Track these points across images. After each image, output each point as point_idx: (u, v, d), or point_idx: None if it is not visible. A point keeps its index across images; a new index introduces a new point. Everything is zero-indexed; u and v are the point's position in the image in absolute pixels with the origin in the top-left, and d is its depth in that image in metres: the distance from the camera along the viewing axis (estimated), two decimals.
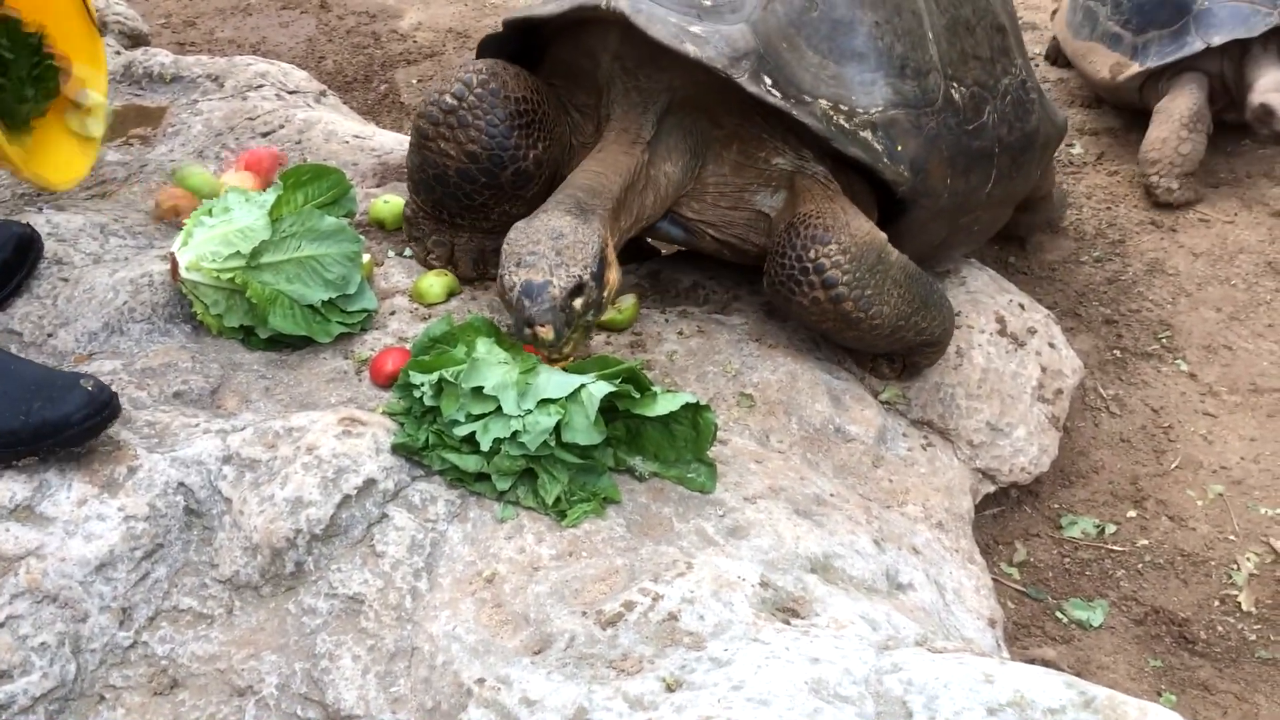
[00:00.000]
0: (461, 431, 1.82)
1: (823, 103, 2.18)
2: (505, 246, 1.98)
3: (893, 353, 2.39)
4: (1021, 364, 2.58)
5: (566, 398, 1.81)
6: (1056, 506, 2.56)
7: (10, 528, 1.69)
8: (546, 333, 1.88)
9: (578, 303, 1.93)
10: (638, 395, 1.88)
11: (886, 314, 2.16)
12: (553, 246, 1.94)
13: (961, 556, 2.13)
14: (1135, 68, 3.76)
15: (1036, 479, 2.50)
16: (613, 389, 1.82)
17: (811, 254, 2.11)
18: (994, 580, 2.31)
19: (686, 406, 1.85)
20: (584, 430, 1.80)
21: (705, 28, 2.14)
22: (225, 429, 1.91)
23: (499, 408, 1.82)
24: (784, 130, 2.28)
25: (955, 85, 2.39)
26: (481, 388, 1.84)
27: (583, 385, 1.82)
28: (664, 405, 1.84)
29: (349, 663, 1.64)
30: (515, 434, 1.80)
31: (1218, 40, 3.57)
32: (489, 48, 2.42)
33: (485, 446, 1.80)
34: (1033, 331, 2.66)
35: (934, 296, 2.30)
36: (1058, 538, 2.48)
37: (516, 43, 2.41)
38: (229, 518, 1.78)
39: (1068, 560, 2.43)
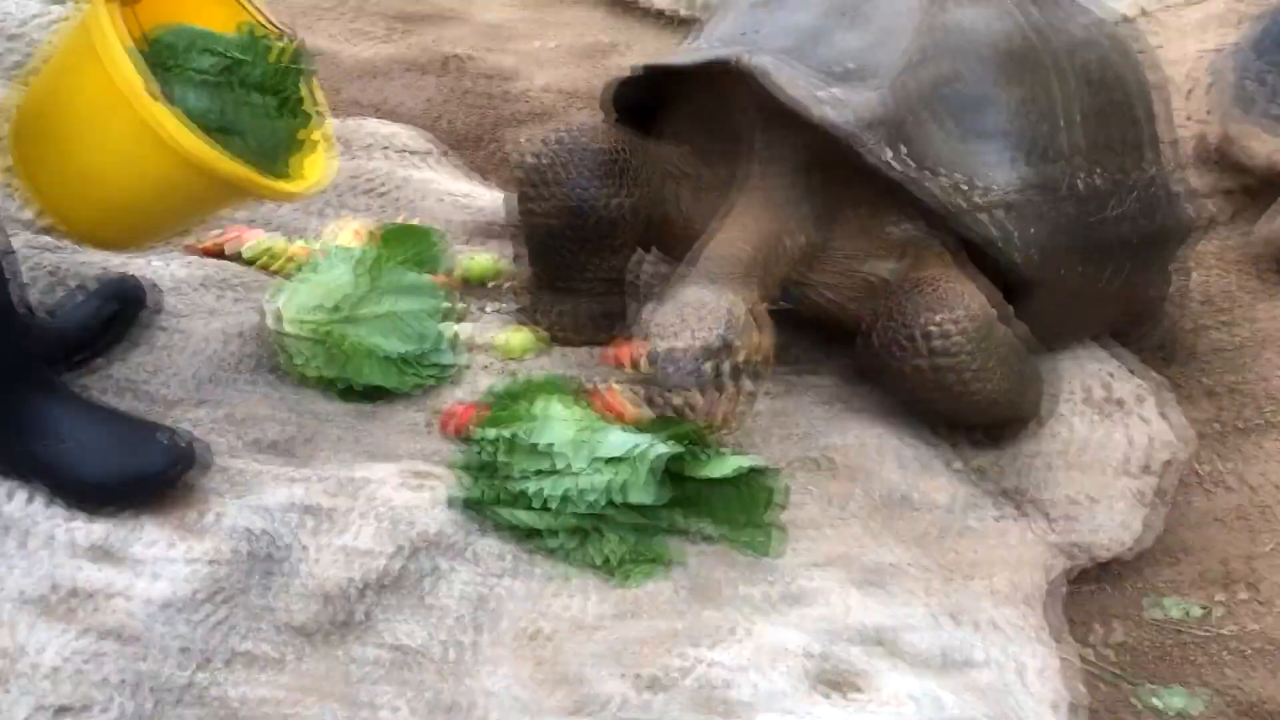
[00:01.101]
0: (521, 488, 1.84)
1: (951, 178, 2.16)
2: (640, 326, 2.03)
3: (976, 425, 2.33)
4: (1111, 435, 2.48)
5: (627, 457, 1.82)
6: (1143, 586, 2.43)
7: (83, 566, 1.78)
8: (692, 398, 1.89)
9: (709, 366, 1.93)
10: (702, 457, 1.87)
11: (989, 391, 2.11)
12: (681, 315, 1.97)
13: (1034, 635, 2.05)
14: None
15: (1122, 557, 2.39)
16: (673, 451, 1.81)
17: (923, 320, 2.07)
18: (1071, 661, 2.20)
19: (749, 470, 1.84)
20: (643, 490, 1.81)
21: (841, 91, 2.16)
22: (298, 478, 1.97)
23: (560, 465, 1.83)
24: (908, 201, 2.27)
25: (1084, 175, 2.35)
26: (542, 444, 1.86)
27: (644, 445, 1.82)
28: (724, 468, 1.83)
29: (404, 713, 1.66)
30: (575, 492, 1.81)
31: None
32: (620, 89, 2.49)
33: (544, 504, 1.82)
34: (1125, 402, 2.56)
35: (1030, 373, 2.26)
36: (1143, 619, 2.36)
37: (647, 88, 2.47)
38: (294, 564, 1.83)
39: (1152, 643, 2.30)
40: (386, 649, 1.74)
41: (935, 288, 2.10)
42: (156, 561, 1.80)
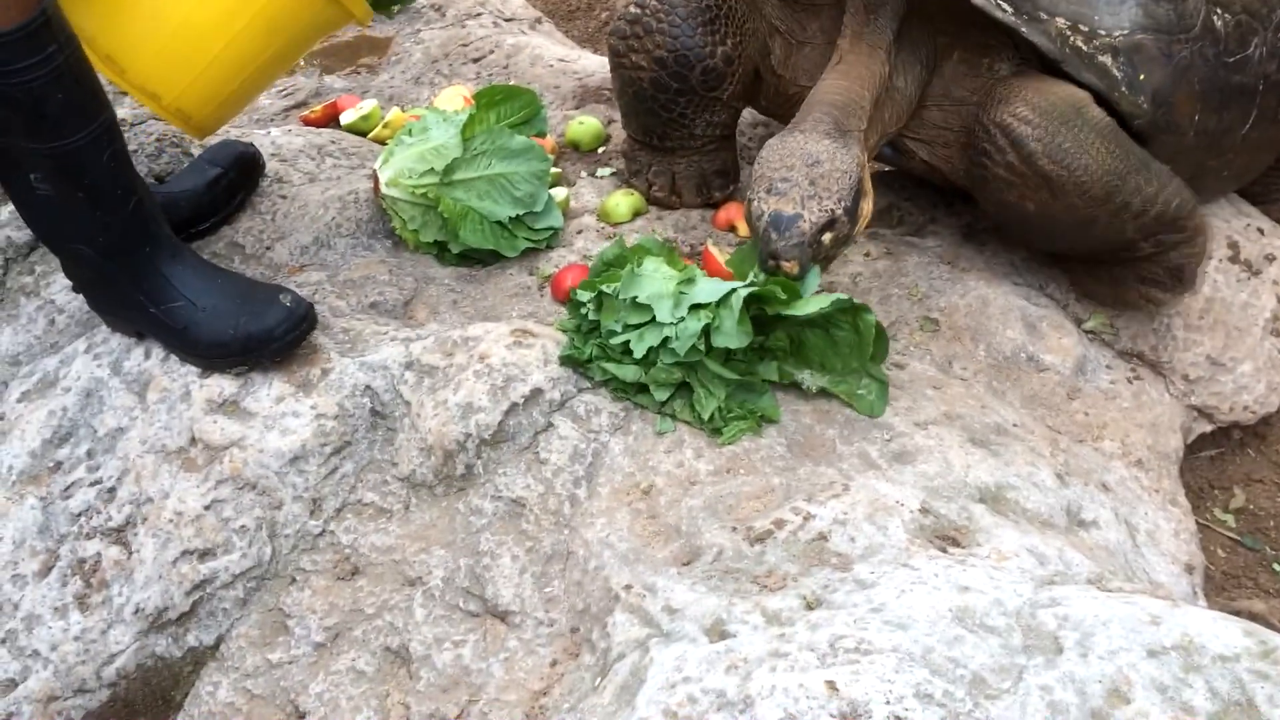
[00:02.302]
0: (618, 341, 1.84)
1: (1060, 21, 2.01)
2: (756, 167, 1.92)
3: (1136, 246, 2.09)
4: (1255, 294, 2.33)
5: (716, 303, 1.79)
6: (1266, 450, 2.32)
7: (218, 420, 1.86)
8: (791, 268, 1.80)
9: (827, 237, 1.85)
10: (792, 297, 1.82)
11: (1092, 167, 1.94)
12: (807, 175, 1.85)
13: (1162, 497, 1.98)
14: None
15: (1263, 419, 2.27)
16: (757, 289, 1.77)
17: (995, 116, 1.98)
18: (1203, 526, 2.13)
19: (844, 310, 1.78)
20: (732, 333, 1.77)
21: None
22: (410, 337, 2.01)
23: (654, 318, 1.82)
24: (1018, 42, 2.13)
25: (1219, 11, 2.14)
26: (633, 298, 1.84)
27: (733, 290, 1.79)
28: (813, 304, 1.77)
29: (508, 562, 1.71)
30: (666, 340, 1.80)
31: None
32: None
33: (639, 354, 1.81)
34: (1272, 259, 2.40)
35: (1154, 164, 2.04)
36: (1266, 484, 2.25)
37: None
38: (408, 420, 1.88)
39: (1275, 509, 2.20)
40: (497, 501, 1.78)
41: (1006, 88, 2.00)
42: (283, 417, 1.87)
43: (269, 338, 1.88)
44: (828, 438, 1.83)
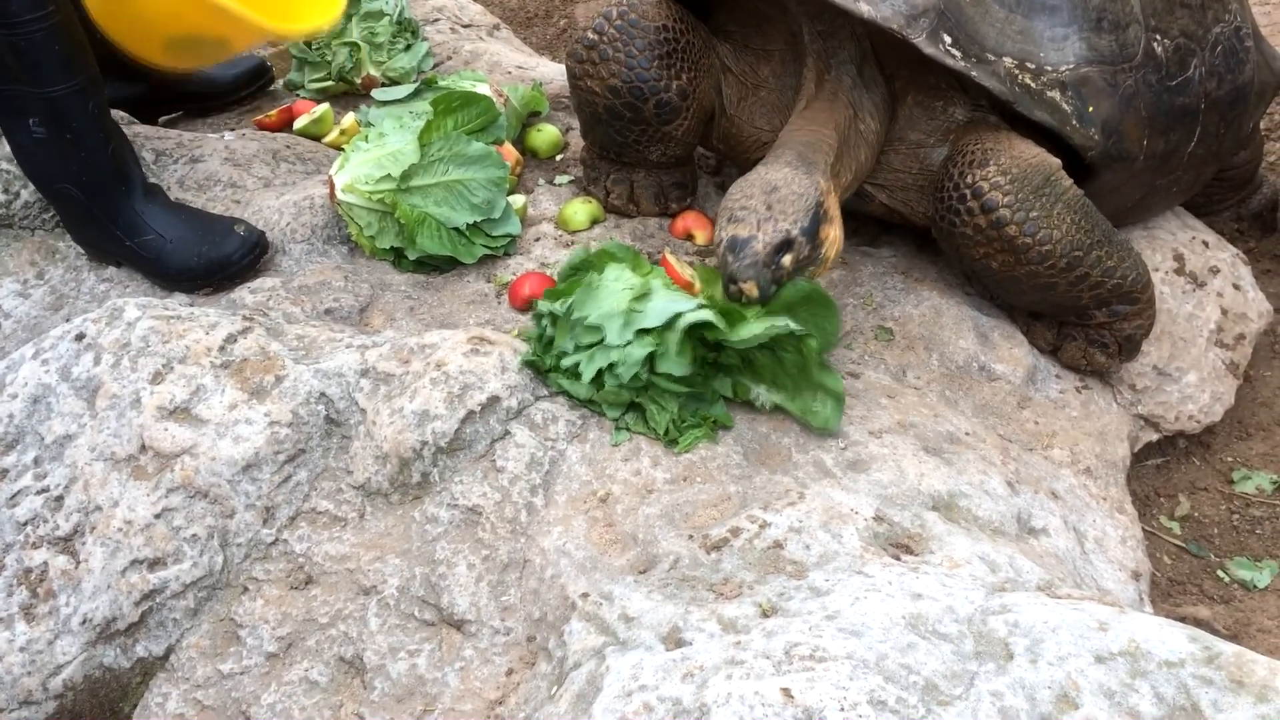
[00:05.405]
0: (568, 362, 1.84)
1: (1007, 61, 2.04)
2: (723, 201, 1.95)
3: (1087, 313, 2.13)
4: (1199, 305, 2.39)
5: (662, 327, 1.79)
6: (1230, 459, 2.37)
7: (169, 427, 1.83)
8: (750, 289, 1.82)
9: (786, 259, 1.86)
10: (735, 323, 1.82)
11: (1058, 239, 1.99)
12: (764, 200, 1.88)
13: (1109, 505, 2.01)
14: None
15: (1208, 429, 2.32)
16: (700, 319, 1.78)
17: (969, 179, 2.00)
18: (1149, 533, 2.17)
19: (789, 335, 1.80)
20: (672, 361, 1.78)
21: None
22: (366, 344, 2.00)
23: (604, 339, 1.82)
24: (961, 86, 2.16)
25: (1158, 37, 2.19)
26: (584, 318, 1.84)
27: (678, 315, 1.79)
28: (750, 330, 1.78)
29: (464, 570, 1.70)
30: (612, 365, 1.80)
31: None
32: None
33: (588, 378, 1.82)
34: (1215, 271, 2.45)
35: (1116, 237, 2.10)
36: (1227, 492, 2.30)
37: None
38: (363, 428, 1.87)
39: (1237, 517, 2.25)
40: (453, 509, 1.78)
41: (979, 147, 2.02)
42: (236, 424, 1.84)
43: (229, 262, 2.20)
44: (783, 446, 1.84)
